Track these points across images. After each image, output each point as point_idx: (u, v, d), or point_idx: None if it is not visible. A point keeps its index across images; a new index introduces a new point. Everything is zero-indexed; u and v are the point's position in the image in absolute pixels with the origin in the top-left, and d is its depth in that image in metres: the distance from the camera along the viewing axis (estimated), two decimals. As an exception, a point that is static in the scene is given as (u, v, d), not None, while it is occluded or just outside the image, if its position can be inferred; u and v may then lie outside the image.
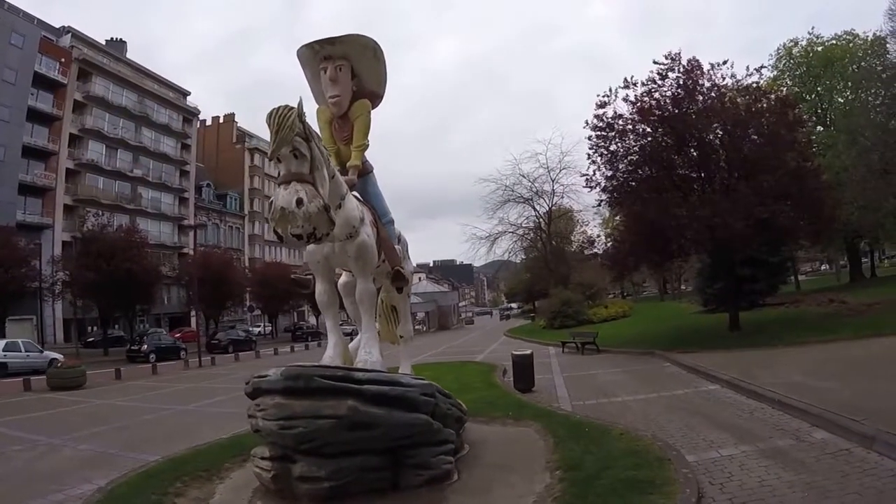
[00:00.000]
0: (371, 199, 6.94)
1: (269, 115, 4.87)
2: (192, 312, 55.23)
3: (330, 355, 6.27)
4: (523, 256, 57.63)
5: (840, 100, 37.07)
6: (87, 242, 37.49)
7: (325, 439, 5.23)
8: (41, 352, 28.29)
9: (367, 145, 6.75)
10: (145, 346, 33.81)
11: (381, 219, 6.92)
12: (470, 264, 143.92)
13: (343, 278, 7.03)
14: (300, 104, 5.06)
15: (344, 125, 6.74)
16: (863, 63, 34.45)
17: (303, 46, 6.78)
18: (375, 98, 7.08)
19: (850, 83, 35.68)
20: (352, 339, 7.66)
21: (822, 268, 72.34)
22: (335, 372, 5.47)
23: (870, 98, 31.45)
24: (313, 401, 5.16)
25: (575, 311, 37.86)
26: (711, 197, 17.77)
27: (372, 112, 6.86)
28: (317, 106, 7.04)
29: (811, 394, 9.36)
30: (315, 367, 5.62)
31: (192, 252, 57.38)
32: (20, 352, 26.85)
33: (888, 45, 30.74)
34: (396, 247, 7.31)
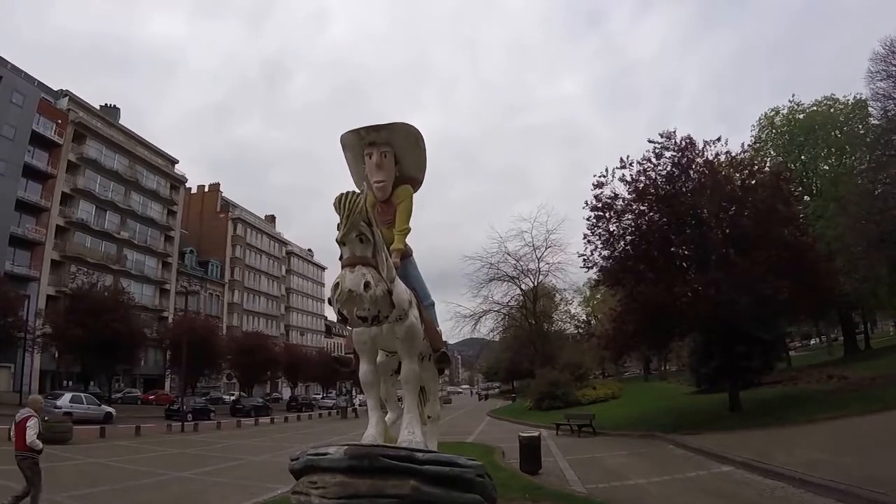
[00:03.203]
0: (413, 281, 6.99)
1: (339, 200, 5.02)
2: (168, 375, 55.25)
3: (372, 434, 6.17)
4: (503, 335, 56.97)
5: (825, 167, 36.67)
6: (76, 299, 37.84)
7: (385, 519, 5.03)
8: (99, 405, 31.98)
9: (410, 230, 6.88)
10: (184, 406, 36.72)
11: (423, 301, 6.95)
12: (444, 341, 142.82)
13: (379, 358, 7.01)
14: (364, 190, 5.29)
15: (387, 209, 6.88)
16: (845, 128, 34.62)
17: (348, 132, 6.99)
18: (415, 184, 7.29)
19: (834, 149, 35.53)
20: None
21: (812, 342, 72.09)
22: (398, 452, 5.39)
23: (855, 163, 31.65)
24: (377, 480, 5.03)
25: (563, 392, 36.96)
26: (714, 275, 17.92)
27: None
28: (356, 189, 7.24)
29: (831, 470, 9.41)
30: (377, 446, 5.52)
31: (172, 316, 57.17)
32: (82, 404, 30.35)
33: (870, 108, 30.61)
34: (438, 329, 7.33)
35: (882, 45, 25.65)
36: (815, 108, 37.53)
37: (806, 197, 34.30)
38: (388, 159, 6.73)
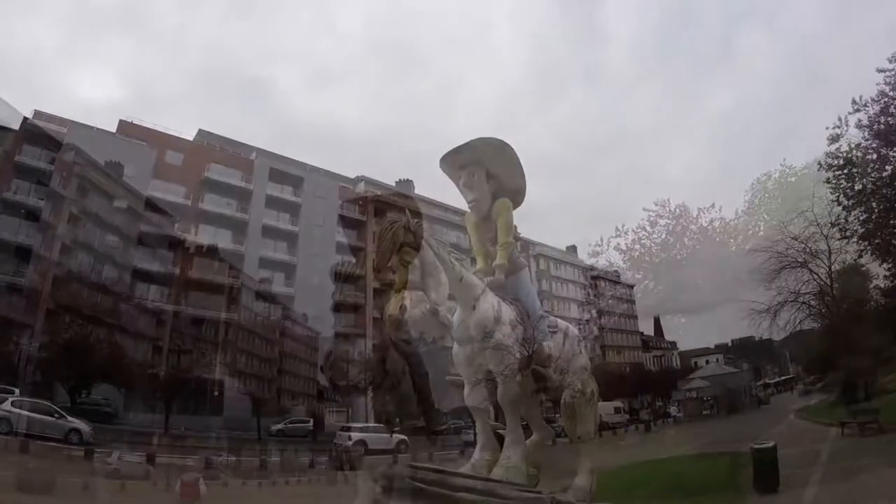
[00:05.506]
0: (522, 296, 6.74)
1: (377, 231, 5.16)
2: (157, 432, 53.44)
3: (476, 458, 6.04)
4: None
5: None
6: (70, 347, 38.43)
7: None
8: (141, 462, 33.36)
9: (512, 243, 6.66)
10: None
11: (531, 315, 6.59)
12: (770, 339, 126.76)
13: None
14: (407, 216, 5.43)
15: (488, 226, 6.77)
16: (837, 188, 34.64)
17: (441, 160, 6.97)
18: (517, 195, 7.11)
19: (826, 210, 34.45)
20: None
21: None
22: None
23: (849, 223, 31.34)
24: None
25: (869, 381, 29.93)
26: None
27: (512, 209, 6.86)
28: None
29: None
30: None
31: (163, 373, 56.08)
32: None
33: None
34: (546, 343, 6.52)
35: (871, 101, 26.32)
36: (805, 170, 37.60)
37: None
38: (478, 177, 6.65)
